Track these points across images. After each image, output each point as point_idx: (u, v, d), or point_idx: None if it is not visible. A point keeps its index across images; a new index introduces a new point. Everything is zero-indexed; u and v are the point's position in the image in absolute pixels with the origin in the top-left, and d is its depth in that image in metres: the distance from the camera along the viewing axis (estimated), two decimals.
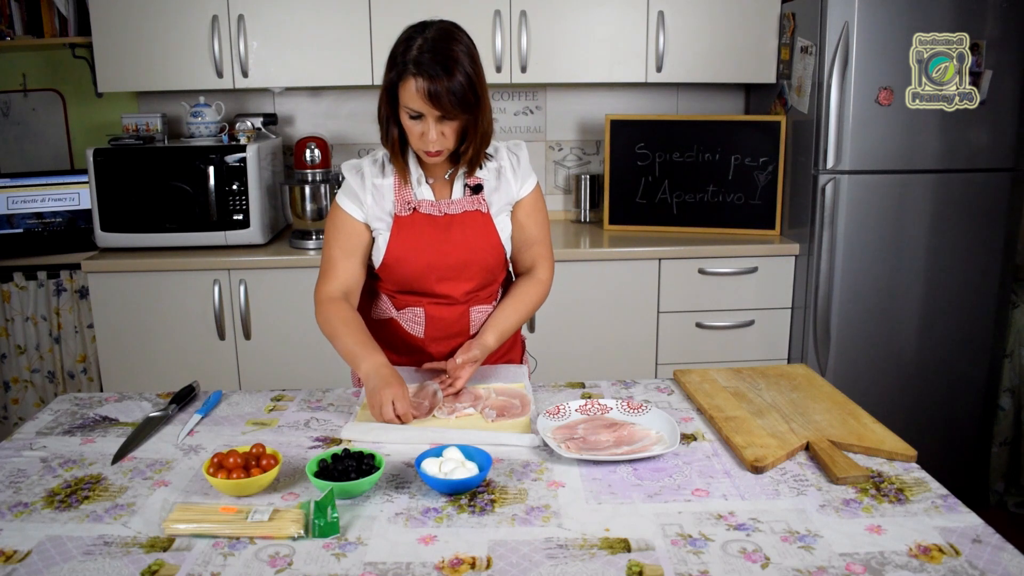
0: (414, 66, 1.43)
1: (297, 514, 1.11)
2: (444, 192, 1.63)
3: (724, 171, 3.01)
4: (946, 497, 1.16)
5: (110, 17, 2.80)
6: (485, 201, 1.63)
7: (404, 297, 1.68)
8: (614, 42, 2.92)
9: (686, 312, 2.86)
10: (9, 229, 3.03)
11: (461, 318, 1.68)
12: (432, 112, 1.45)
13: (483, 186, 1.63)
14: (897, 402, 2.77)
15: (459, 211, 1.62)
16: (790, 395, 1.52)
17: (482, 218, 1.63)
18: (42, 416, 1.50)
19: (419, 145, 1.51)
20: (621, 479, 1.22)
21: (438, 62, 1.43)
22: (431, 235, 1.60)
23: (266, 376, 2.77)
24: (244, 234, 2.79)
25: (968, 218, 2.70)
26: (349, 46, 2.87)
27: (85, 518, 1.13)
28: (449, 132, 1.49)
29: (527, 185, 1.68)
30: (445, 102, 1.44)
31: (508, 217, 1.68)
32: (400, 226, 1.61)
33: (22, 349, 3.00)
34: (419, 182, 1.61)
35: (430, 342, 1.69)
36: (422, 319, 1.67)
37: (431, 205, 1.61)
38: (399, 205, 1.61)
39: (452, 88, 1.43)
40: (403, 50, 1.46)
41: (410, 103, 1.46)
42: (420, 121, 1.48)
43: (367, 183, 1.62)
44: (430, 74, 1.42)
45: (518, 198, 1.67)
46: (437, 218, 1.61)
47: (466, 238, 1.61)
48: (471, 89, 1.46)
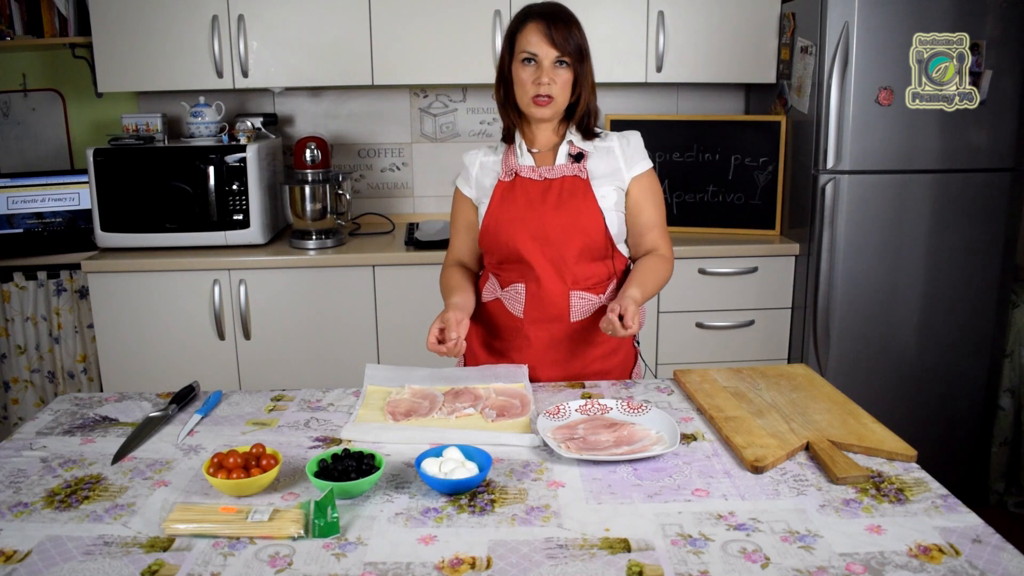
0: (534, 12, 1.63)
1: (297, 514, 1.11)
2: (547, 160, 1.72)
3: (724, 171, 3.01)
4: (946, 497, 1.16)
5: (110, 17, 2.80)
6: (586, 169, 1.69)
7: (507, 273, 1.72)
8: (614, 42, 2.92)
9: (686, 312, 2.86)
10: (9, 229, 3.03)
11: (561, 300, 1.69)
12: (548, 52, 1.60)
13: (585, 156, 1.70)
14: (897, 402, 2.77)
15: (557, 176, 1.69)
16: (790, 395, 1.52)
17: (582, 183, 1.68)
18: (42, 416, 1.50)
19: (531, 90, 1.62)
20: (621, 479, 1.22)
21: (554, 10, 1.64)
22: (529, 196, 1.68)
23: (266, 376, 2.77)
24: (244, 234, 2.79)
25: (968, 218, 2.70)
26: (349, 46, 2.87)
27: (85, 518, 1.13)
28: (559, 80, 1.62)
29: (640, 165, 1.73)
30: (560, 40, 1.60)
31: (615, 191, 1.70)
32: (501, 189, 1.71)
33: (22, 349, 3.00)
34: (522, 150, 1.72)
35: (529, 323, 1.70)
36: (522, 297, 1.70)
37: (532, 170, 1.70)
38: (504, 172, 1.72)
39: (568, 31, 1.61)
40: (519, 13, 1.66)
41: (527, 46, 1.61)
42: (535, 67, 1.61)
43: (477, 160, 1.77)
44: (548, 17, 1.61)
45: (629, 175, 1.72)
46: (536, 182, 1.69)
47: (563, 199, 1.66)
48: (582, 39, 1.63)
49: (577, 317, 1.70)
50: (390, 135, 3.31)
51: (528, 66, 1.62)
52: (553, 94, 1.62)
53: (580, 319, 1.70)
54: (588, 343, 1.73)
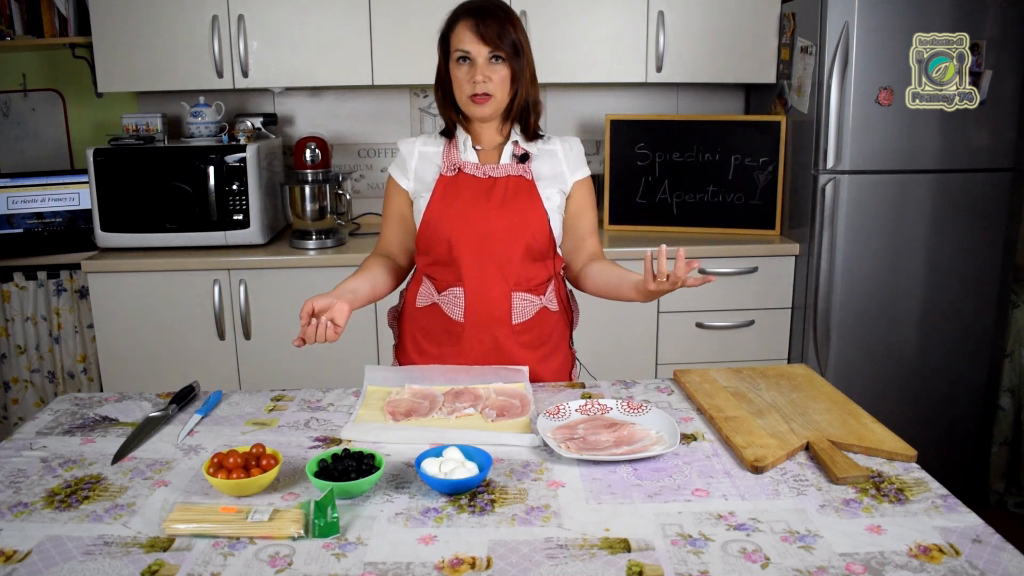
0: (462, 11, 1.60)
1: (297, 514, 1.11)
2: (491, 159, 1.70)
3: (724, 171, 3.01)
4: (946, 497, 1.16)
5: (110, 17, 2.80)
6: (531, 171, 1.67)
7: (444, 275, 1.68)
8: (614, 42, 2.92)
9: (686, 312, 2.86)
10: (9, 229, 3.03)
11: (502, 302, 1.65)
12: (480, 49, 1.57)
13: (530, 157, 1.68)
14: (897, 402, 2.77)
15: (502, 175, 1.66)
16: (790, 395, 1.52)
17: (527, 184, 1.66)
18: (42, 416, 1.50)
19: (468, 88, 1.59)
20: (621, 479, 1.22)
21: (485, 5, 1.60)
22: (473, 193, 1.65)
23: (266, 376, 2.77)
24: (244, 234, 2.79)
25: (968, 218, 2.70)
26: (349, 46, 2.87)
27: (85, 518, 1.13)
28: (496, 77, 1.59)
29: (581, 171, 1.73)
30: (491, 36, 1.56)
31: (558, 194, 1.69)
32: (443, 184, 1.66)
33: (22, 349, 3.00)
34: (466, 146, 1.68)
35: (470, 327, 1.67)
36: (461, 300, 1.66)
37: (476, 167, 1.67)
38: (445, 167, 1.68)
39: (498, 26, 1.57)
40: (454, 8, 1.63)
41: (459, 44, 1.58)
42: (469, 65, 1.58)
43: (415, 150, 1.72)
44: (478, 13, 1.58)
45: (572, 179, 1.72)
46: (481, 179, 1.66)
47: (507, 199, 1.64)
48: (516, 31, 1.59)
49: (519, 319, 1.68)
50: (390, 135, 3.31)
51: (463, 65, 1.59)
52: (491, 91, 1.59)
53: (522, 321, 1.68)
54: (527, 346, 1.70)
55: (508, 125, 1.69)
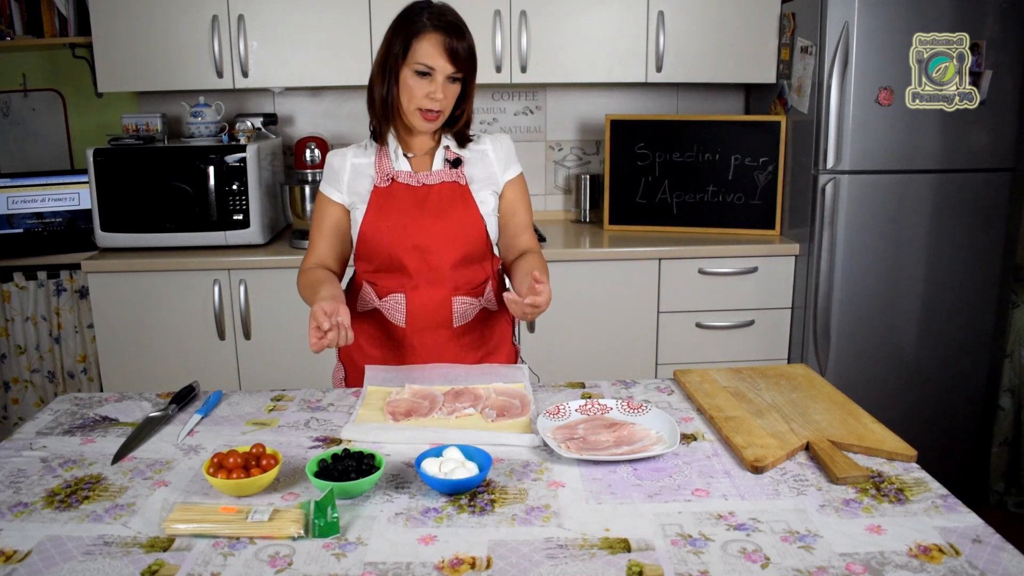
0: (433, 23, 1.55)
1: (297, 514, 1.11)
2: (423, 166, 1.70)
3: (724, 171, 3.01)
4: (946, 497, 1.16)
5: (110, 17, 2.80)
6: (464, 175, 1.68)
7: (385, 282, 1.68)
8: (614, 42, 2.92)
9: (686, 312, 2.86)
10: (9, 229, 3.03)
11: (443, 306, 1.67)
12: (446, 68, 1.55)
13: (462, 161, 1.69)
14: (897, 402, 2.77)
15: (436, 182, 1.67)
16: (790, 395, 1.52)
17: (460, 189, 1.67)
18: (42, 416, 1.50)
19: (423, 103, 1.58)
20: (621, 479, 1.22)
21: (454, 23, 1.57)
22: (408, 203, 1.65)
23: (266, 376, 2.77)
24: (244, 234, 2.79)
25: (968, 218, 2.70)
26: (349, 46, 2.87)
27: (85, 518, 1.13)
28: (450, 95, 1.59)
29: (512, 170, 1.74)
30: (462, 58, 1.55)
31: (491, 196, 1.71)
32: (378, 196, 1.66)
33: (22, 349, 3.00)
34: (397, 155, 1.68)
35: (412, 332, 1.68)
36: (403, 307, 1.67)
37: (409, 176, 1.67)
38: (378, 177, 1.67)
39: (467, 46, 1.57)
40: (414, 14, 1.57)
41: (425, 58, 1.55)
42: (428, 80, 1.56)
43: (347, 163, 1.71)
44: (450, 30, 1.55)
45: (503, 179, 1.73)
46: (415, 188, 1.66)
47: (443, 207, 1.65)
48: (475, 55, 1.60)
49: (460, 322, 1.69)
50: None
51: (422, 78, 1.56)
52: (443, 108, 1.60)
53: (462, 323, 1.70)
54: (469, 347, 1.72)
55: (440, 131, 1.70)
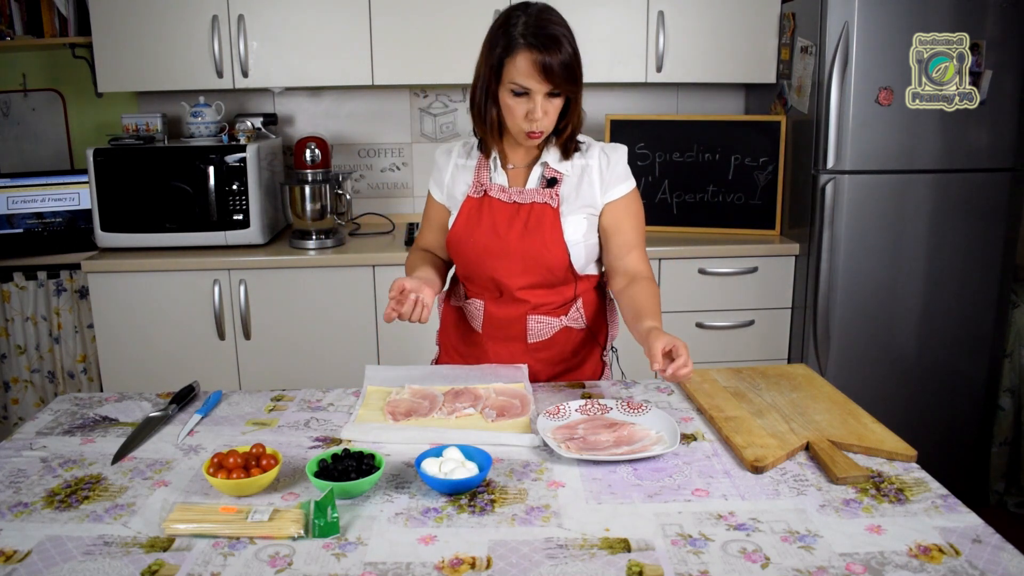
0: (525, 39, 1.45)
1: (297, 514, 1.11)
2: (519, 180, 1.65)
3: (724, 171, 3.01)
4: (946, 497, 1.16)
5: (110, 17, 2.80)
6: (558, 197, 1.60)
7: (471, 285, 1.71)
8: (614, 42, 2.92)
9: (686, 312, 2.86)
10: (9, 229, 3.03)
11: (517, 322, 1.66)
12: (542, 87, 1.47)
13: (559, 180, 1.61)
14: (897, 402, 2.77)
15: (527, 201, 1.61)
16: (790, 395, 1.52)
17: (550, 212, 1.60)
18: (42, 416, 1.50)
19: (524, 125, 1.52)
20: (621, 479, 1.22)
21: (548, 36, 1.45)
22: (494, 220, 1.62)
23: (266, 376, 2.77)
24: (244, 234, 2.79)
25: (968, 218, 2.70)
26: (349, 46, 2.87)
27: (85, 518, 1.13)
28: (552, 110, 1.51)
29: (618, 189, 1.62)
30: (557, 75, 1.45)
31: (585, 220, 1.61)
32: (468, 206, 1.64)
33: (22, 349, 3.00)
34: (496, 165, 1.64)
35: (487, 339, 1.69)
36: (481, 313, 1.69)
37: (501, 190, 1.63)
38: (474, 187, 1.65)
39: (563, 60, 1.45)
40: (508, 27, 1.48)
41: (519, 79, 1.47)
42: (526, 99, 1.49)
43: (451, 162, 1.70)
44: (543, 47, 1.44)
45: (604, 200, 1.62)
46: (504, 204, 1.62)
47: (528, 229, 1.60)
48: (577, 64, 1.49)
49: (535, 339, 1.68)
50: (390, 135, 3.31)
51: (519, 97, 1.49)
52: (546, 127, 1.53)
53: (538, 340, 1.68)
54: (546, 362, 1.70)
55: (545, 141, 1.61)
